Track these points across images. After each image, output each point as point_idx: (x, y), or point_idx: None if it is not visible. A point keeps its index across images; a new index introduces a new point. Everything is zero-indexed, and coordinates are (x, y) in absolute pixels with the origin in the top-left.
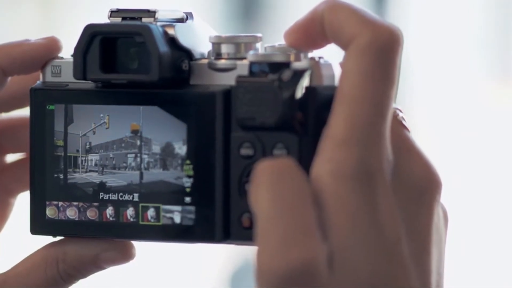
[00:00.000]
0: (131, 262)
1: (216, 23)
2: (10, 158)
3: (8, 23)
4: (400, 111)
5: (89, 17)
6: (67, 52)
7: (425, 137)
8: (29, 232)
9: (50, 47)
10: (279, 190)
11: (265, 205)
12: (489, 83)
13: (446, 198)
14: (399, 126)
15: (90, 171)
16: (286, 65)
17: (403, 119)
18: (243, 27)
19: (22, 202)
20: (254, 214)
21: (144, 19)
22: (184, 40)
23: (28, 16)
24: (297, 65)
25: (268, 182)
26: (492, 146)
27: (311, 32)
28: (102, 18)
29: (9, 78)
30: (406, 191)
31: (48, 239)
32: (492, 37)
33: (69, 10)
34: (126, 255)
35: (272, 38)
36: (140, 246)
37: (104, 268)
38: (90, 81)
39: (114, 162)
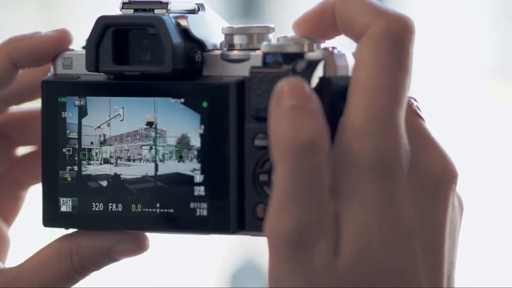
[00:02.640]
0: (142, 255)
1: None
2: (21, 151)
3: (8, 23)
4: (415, 100)
5: (89, 17)
6: (75, 45)
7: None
8: (42, 225)
9: (61, 39)
10: (300, 171)
11: (283, 183)
12: (490, 80)
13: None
14: (414, 115)
15: (105, 163)
16: (300, 55)
17: (418, 108)
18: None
19: (33, 195)
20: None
21: (156, 11)
22: (197, 31)
23: (28, 16)
24: (311, 55)
25: (292, 156)
26: (492, 144)
27: (321, 24)
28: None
29: (20, 71)
30: (422, 182)
31: (60, 232)
32: (494, 34)
33: (69, 10)
34: (140, 247)
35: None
36: None
37: (118, 260)
38: (102, 73)
39: (128, 154)
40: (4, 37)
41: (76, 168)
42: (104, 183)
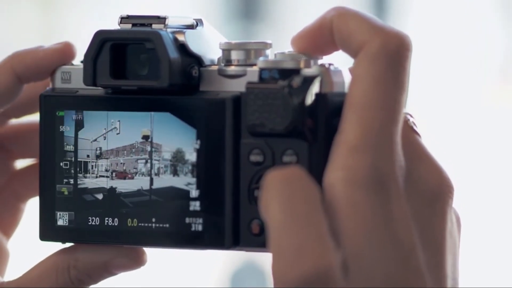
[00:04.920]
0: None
1: (216, 24)
2: (20, 164)
3: (8, 23)
4: (411, 116)
5: (89, 17)
6: (76, 58)
7: (425, 138)
8: (38, 239)
9: (65, 53)
10: (290, 199)
11: (276, 215)
12: (492, 84)
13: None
14: (410, 131)
15: (100, 176)
16: (296, 71)
17: (414, 124)
18: (243, 27)
19: (31, 208)
20: (265, 223)
21: (154, 26)
22: (194, 46)
23: (28, 16)
24: (307, 71)
25: (279, 192)
26: (494, 147)
27: (319, 39)
28: (102, 18)
29: (25, 86)
30: (419, 197)
31: (58, 246)
32: (496, 37)
33: (69, 10)
34: (137, 261)
35: (272, 39)
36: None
37: (115, 274)
38: (100, 87)
39: (124, 167)
40: (4, 37)
41: (72, 181)
42: (100, 196)
